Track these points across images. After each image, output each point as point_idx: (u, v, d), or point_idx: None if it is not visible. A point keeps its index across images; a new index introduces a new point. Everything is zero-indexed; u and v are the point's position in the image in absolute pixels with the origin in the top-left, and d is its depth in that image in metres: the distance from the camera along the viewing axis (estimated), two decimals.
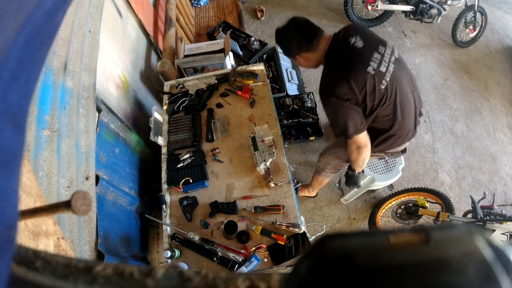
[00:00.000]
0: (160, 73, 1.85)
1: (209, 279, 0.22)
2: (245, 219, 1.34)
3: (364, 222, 2.35)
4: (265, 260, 1.26)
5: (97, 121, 1.29)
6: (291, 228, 1.30)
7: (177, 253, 1.27)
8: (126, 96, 1.76)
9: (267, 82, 1.72)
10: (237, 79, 1.70)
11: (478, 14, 3.41)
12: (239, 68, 1.75)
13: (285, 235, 1.28)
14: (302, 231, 1.31)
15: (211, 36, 2.66)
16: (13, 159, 0.24)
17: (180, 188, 1.40)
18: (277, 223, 1.31)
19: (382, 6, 3.21)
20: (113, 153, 1.47)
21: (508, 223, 1.78)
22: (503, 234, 1.74)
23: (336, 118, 1.28)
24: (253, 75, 1.68)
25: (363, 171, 1.55)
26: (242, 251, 1.24)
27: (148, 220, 1.79)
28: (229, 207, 1.35)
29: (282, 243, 1.27)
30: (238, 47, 2.41)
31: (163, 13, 2.32)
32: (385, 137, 1.39)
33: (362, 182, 1.61)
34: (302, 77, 2.61)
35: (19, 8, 0.27)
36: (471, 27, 3.51)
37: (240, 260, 1.22)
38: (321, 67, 1.39)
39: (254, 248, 1.28)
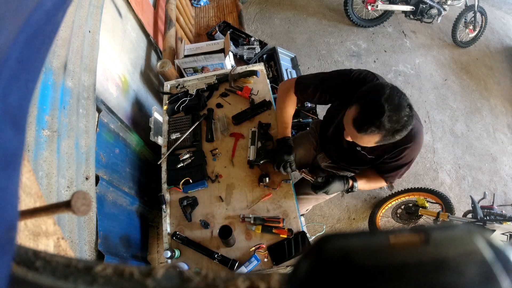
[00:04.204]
0: (160, 73, 1.85)
1: (209, 279, 0.22)
2: (245, 221, 1.33)
3: (364, 222, 2.35)
4: (265, 260, 1.26)
5: (97, 121, 1.29)
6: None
7: (177, 253, 1.27)
8: (126, 96, 1.76)
9: (267, 82, 1.72)
10: (238, 79, 1.70)
11: (478, 14, 3.42)
12: (239, 68, 1.75)
13: (286, 228, 1.29)
14: (302, 231, 1.31)
15: (211, 36, 2.66)
16: (13, 159, 0.24)
17: (180, 188, 1.40)
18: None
19: (382, 6, 3.21)
20: (113, 153, 1.47)
21: (508, 223, 1.79)
22: (503, 234, 1.74)
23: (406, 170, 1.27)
24: (252, 73, 1.68)
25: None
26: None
27: (148, 220, 1.79)
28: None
29: (285, 236, 1.27)
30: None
31: (163, 13, 2.32)
32: None
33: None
34: None
35: (19, 8, 0.27)
36: (471, 27, 3.51)
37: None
38: None
39: (253, 248, 1.28)
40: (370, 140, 1.00)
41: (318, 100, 1.32)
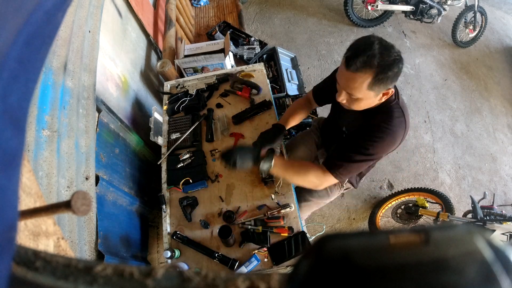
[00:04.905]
0: (160, 73, 1.85)
1: (209, 279, 0.22)
2: (245, 225, 1.33)
3: (364, 222, 2.35)
4: (265, 260, 1.26)
5: (97, 121, 1.29)
6: (282, 211, 1.32)
7: (177, 253, 1.27)
8: (126, 96, 1.76)
9: (267, 82, 1.72)
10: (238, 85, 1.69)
11: (478, 14, 3.42)
12: (244, 72, 1.74)
13: (286, 227, 1.30)
14: (302, 231, 1.31)
15: (211, 36, 2.66)
16: (13, 159, 0.24)
17: (180, 188, 1.40)
18: (269, 213, 1.33)
19: (382, 6, 3.21)
20: (113, 153, 1.47)
21: (508, 223, 1.79)
22: (503, 234, 1.74)
23: (375, 156, 1.12)
24: (256, 87, 1.65)
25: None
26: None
27: (148, 220, 1.79)
28: (260, 238, 1.30)
29: (286, 235, 1.28)
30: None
31: (163, 13, 2.32)
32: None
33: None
34: (302, 77, 2.61)
35: (19, 8, 0.27)
36: (471, 27, 3.51)
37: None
38: None
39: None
40: (362, 80, 0.95)
41: (329, 99, 1.37)
